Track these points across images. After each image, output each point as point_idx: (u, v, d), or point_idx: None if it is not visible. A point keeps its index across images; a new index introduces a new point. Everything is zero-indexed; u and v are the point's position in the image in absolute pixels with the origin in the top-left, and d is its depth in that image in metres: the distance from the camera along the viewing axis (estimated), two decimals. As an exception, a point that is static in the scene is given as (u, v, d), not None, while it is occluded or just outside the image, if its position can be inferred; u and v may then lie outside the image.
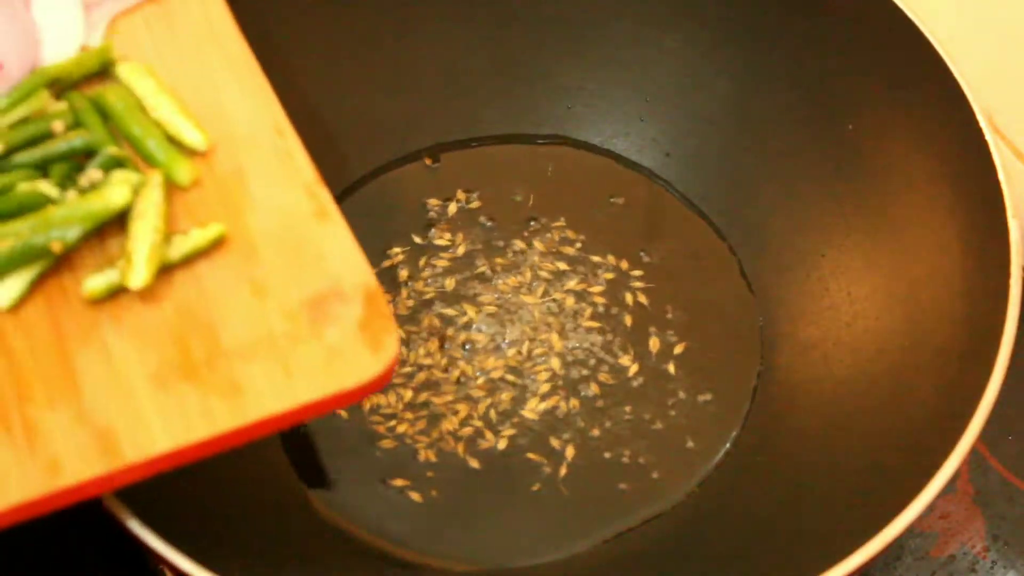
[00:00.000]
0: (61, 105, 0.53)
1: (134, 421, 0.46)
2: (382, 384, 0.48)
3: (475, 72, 0.76)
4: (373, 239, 0.72)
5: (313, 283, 0.49)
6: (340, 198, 0.73)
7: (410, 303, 0.70)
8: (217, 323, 0.48)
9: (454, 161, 0.75)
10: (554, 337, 0.69)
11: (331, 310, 0.48)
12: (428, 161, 0.75)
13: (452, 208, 0.74)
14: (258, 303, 0.49)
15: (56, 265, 0.50)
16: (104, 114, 0.54)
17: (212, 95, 0.55)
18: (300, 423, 0.48)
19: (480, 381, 0.68)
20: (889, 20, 0.65)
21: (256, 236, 0.50)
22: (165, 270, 0.49)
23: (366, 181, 0.74)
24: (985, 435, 0.56)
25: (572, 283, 0.71)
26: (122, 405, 0.46)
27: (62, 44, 0.56)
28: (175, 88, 0.55)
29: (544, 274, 0.71)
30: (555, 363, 0.68)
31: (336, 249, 0.50)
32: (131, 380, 0.47)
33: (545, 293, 0.71)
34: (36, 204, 0.50)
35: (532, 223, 0.73)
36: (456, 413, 0.66)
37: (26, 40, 0.55)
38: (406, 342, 0.69)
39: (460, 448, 0.65)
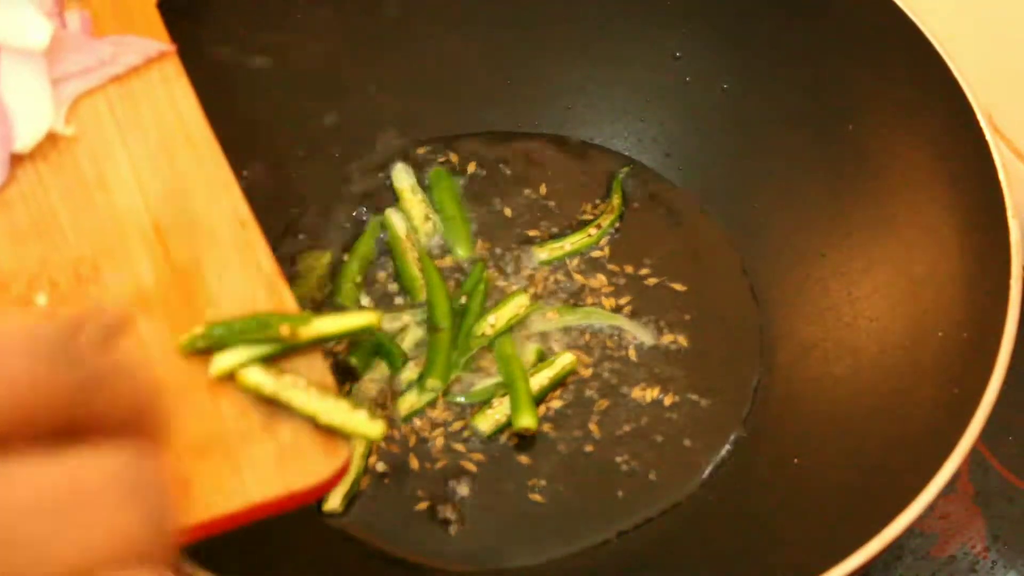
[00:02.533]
0: None
1: None
2: (332, 486, 0.47)
3: (475, 72, 0.76)
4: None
5: None
6: (336, 194, 0.73)
7: (410, 303, 0.70)
8: (170, 418, 0.47)
9: (455, 160, 0.75)
10: (555, 337, 0.69)
11: (285, 409, 0.47)
12: (453, 157, 0.75)
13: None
14: (212, 399, 0.47)
15: None
16: None
17: (174, 182, 0.53)
18: (249, 523, 0.46)
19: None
20: (889, 20, 0.65)
21: None
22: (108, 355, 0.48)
23: (364, 179, 0.74)
24: (985, 435, 0.56)
25: (572, 283, 0.71)
26: None
27: (32, 126, 0.54)
28: (136, 170, 0.53)
29: (545, 274, 0.71)
30: (556, 362, 0.68)
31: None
32: None
33: (545, 293, 0.71)
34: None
35: (531, 223, 0.73)
36: (460, 417, 0.66)
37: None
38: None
39: (459, 449, 0.65)
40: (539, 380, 0.66)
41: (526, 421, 0.64)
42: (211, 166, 0.54)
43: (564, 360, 0.67)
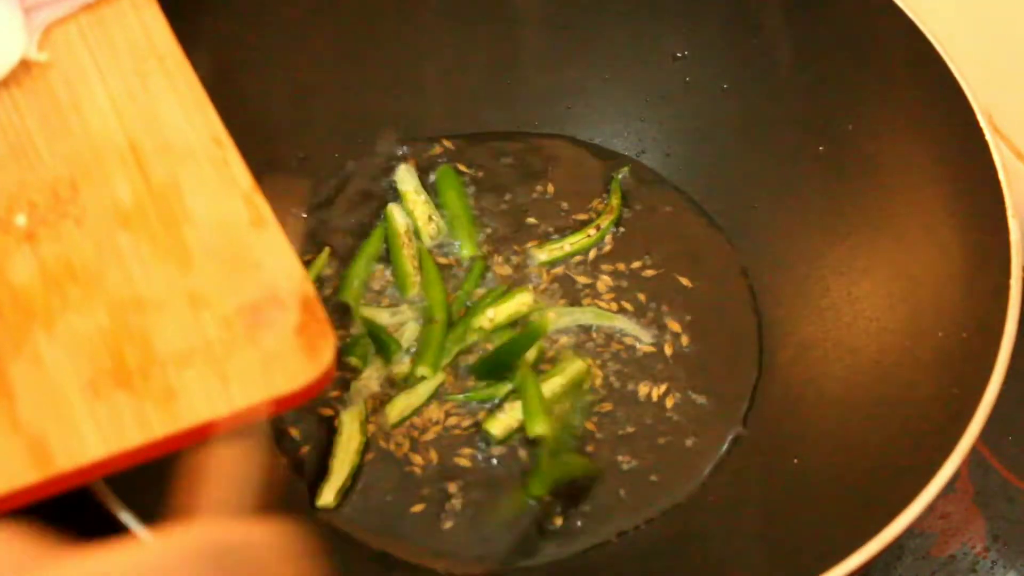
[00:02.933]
0: None
1: (67, 429, 0.46)
2: (319, 389, 0.48)
3: (476, 72, 0.76)
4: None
5: (250, 290, 0.49)
6: (336, 194, 0.73)
7: (410, 303, 0.70)
8: (152, 331, 0.48)
9: (454, 160, 0.75)
10: (556, 338, 0.69)
11: (267, 316, 0.48)
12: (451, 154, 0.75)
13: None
14: (194, 311, 0.48)
15: None
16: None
17: (148, 105, 0.54)
18: (239, 429, 0.47)
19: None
20: (889, 20, 0.65)
21: (193, 246, 0.50)
22: (95, 275, 0.49)
23: (364, 179, 0.74)
24: (985, 435, 0.56)
25: (572, 284, 0.71)
26: (55, 414, 0.46)
27: (4, 53, 0.54)
28: (110, 94, 0.54)
29: (544, 275, 0.71)
30: (567, 369, 0.68)
31: (273, 256, 0.50)
32: (65, 388, 0.47)
33: (546, 294, 0.71)
34: None
35: (531, 223, 0.73)
36: (456, 414, 0.66)
37: None
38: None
39: (458, 447, 0.65)
40: (551, 387, 0.66)
41: (540, 428, 0.64)
42: (184, 88, 0.55)
43: (575, 367, 0.67)
